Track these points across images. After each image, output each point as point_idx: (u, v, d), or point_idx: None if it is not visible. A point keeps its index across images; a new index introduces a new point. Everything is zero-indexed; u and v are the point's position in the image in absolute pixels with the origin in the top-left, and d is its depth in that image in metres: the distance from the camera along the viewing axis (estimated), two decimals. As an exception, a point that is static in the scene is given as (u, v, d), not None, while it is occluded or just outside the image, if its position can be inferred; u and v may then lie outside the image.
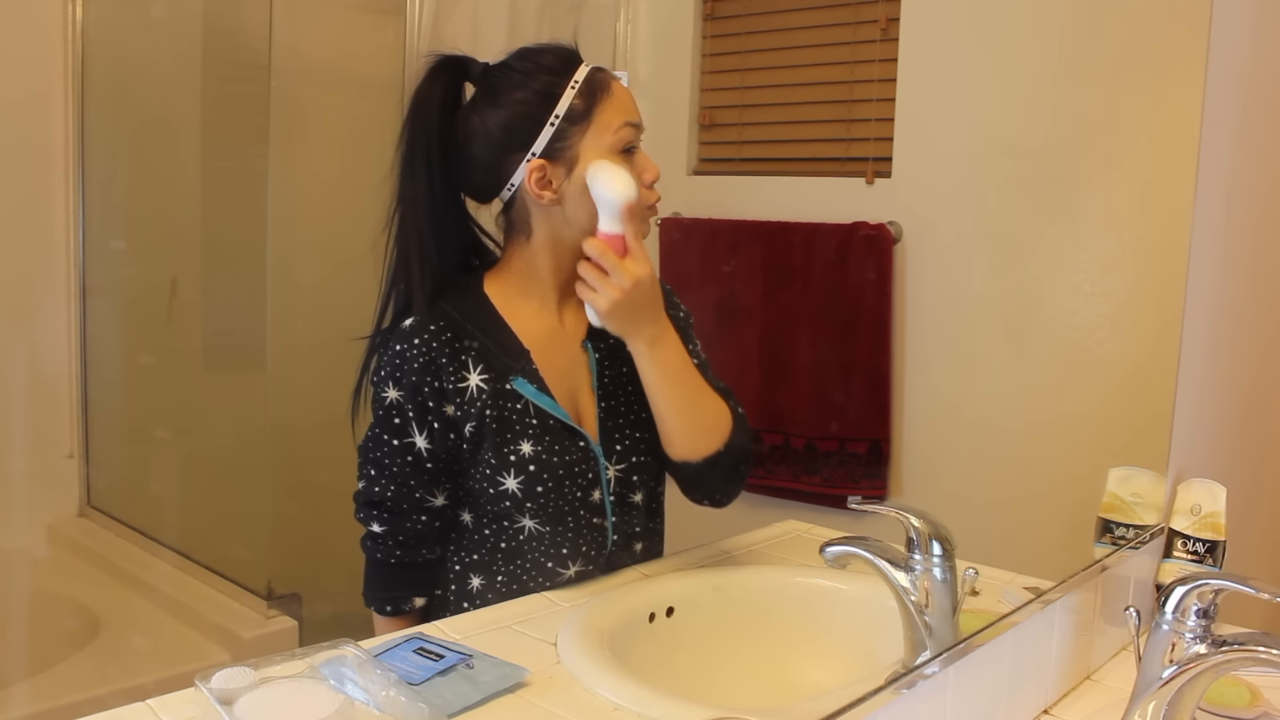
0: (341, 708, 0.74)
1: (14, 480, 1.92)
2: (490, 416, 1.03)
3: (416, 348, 1.03)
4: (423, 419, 1.03)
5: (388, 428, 1.04)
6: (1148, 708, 1.00)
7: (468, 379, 1.04)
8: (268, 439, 1.69)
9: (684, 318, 1.17)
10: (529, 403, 1.05)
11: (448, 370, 1.03)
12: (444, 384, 1.03)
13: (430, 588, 1.09)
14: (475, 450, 1.04)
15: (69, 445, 2.02)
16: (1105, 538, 1.36)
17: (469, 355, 1.04)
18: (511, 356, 1.05)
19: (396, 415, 1.04)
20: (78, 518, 2.02)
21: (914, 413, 1.47)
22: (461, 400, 1.03)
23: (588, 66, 1.05)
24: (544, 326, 1.08)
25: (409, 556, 1.07)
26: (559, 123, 1.02)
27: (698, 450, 1.08)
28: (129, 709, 0.75)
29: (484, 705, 0.81)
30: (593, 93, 1.03)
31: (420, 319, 1.04)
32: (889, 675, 0.92)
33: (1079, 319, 1.41)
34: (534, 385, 1.05)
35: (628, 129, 1.04)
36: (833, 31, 1.56)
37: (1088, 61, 1.38)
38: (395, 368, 1.03)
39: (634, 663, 0.91)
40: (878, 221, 1.48)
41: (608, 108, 1.03)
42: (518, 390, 1.05)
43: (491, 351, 1.05)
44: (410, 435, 1.04)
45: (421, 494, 1.05)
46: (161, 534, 1.86)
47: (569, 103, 1.02)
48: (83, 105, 1.96)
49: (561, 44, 1.07)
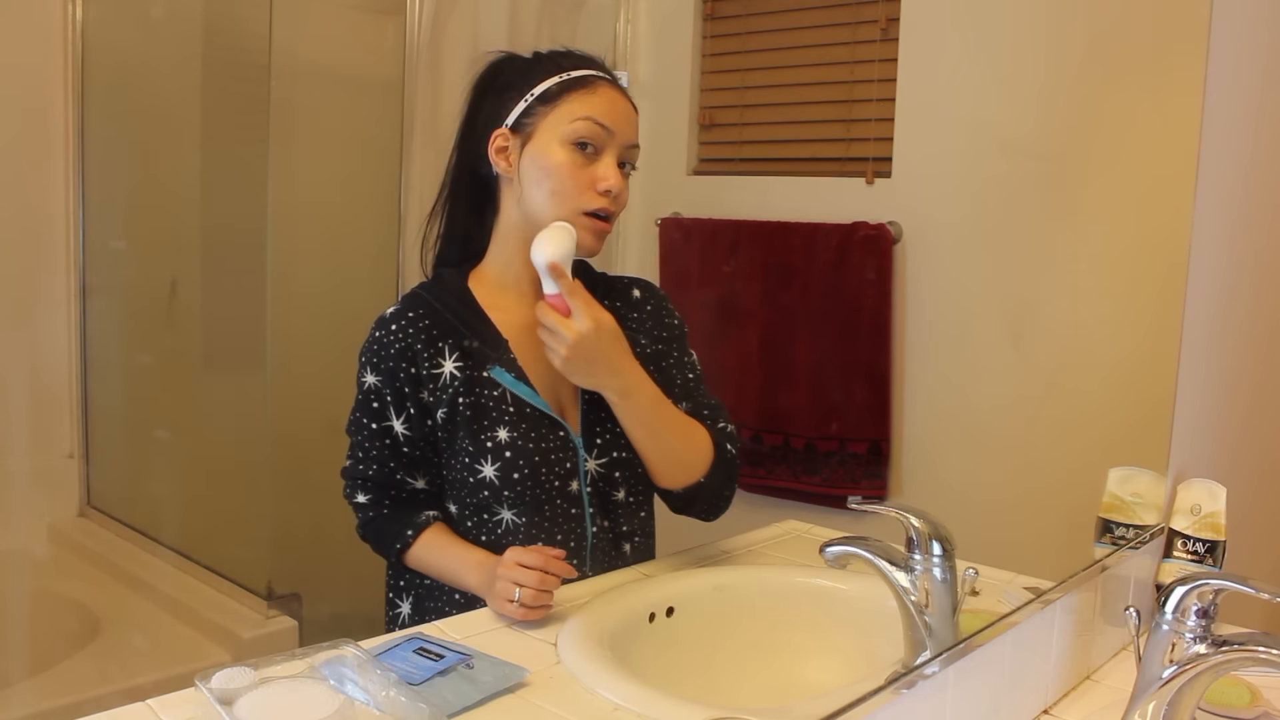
0: (341, 708, 0.74)
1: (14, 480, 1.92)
2: (464, 403, 1.05)
3: (394, 334, 1.06)
4: (400, 404, 1.06)
5: (367, 411, 1.08)
6: (1148, 708, 1.00)
7: (442, 365, 1.06)
8: (268, 439, 1.69)
9: (678, 326, 1.18)
10: (506, 391, 1.06)
11: (423, 356, 1.05)
12: (419, 369, 1.05)
13: (434, 506, 1.10)
14: (451, 437, 1.06)
15: (69, 445, 2.02)
16: (1105, 538, 1.36)
17: (445, 343, 1.06)
18: (489, 346, 1.07)
19: (375, 399, 1.07)
20: (78, 518, 2.02)
21: (914, 413, 1.47)
22: (435, 386, 1.05)
23: (592, 72, 1.07)
24: (524, 319, 1.09)
25: (397, 504, 1.09)
26: (531, 100, 1.06)
27: (678, 482, 1.12)
28: (129, 709, 0.75)
29: (484, 705, 0.81)
30: (573, 84, 1.06)
31: (400, 307, 1.07)
32: (889, 675, 0.92)
33: (1079, 319, 1.41)
34: (511, 374, 1.07)
35: (586, 123, 1.05)
36: (833, 31, 1.56)
37: (1088, 61, 1.38)
38: (374, 353, 1.07)
39: (634, 663, 0.91)
40: (878, 221, 1.48)
41: (579, 99, 1.06)
42: (495, 378, 1.06)
43: (468, 340, 1.07)
44: (388, 419, 1.07)
45: (402, 475, 1.08)
46: (161, 534, 1.87)
47: (548, 86, 1.06)
48: (83, 105, 1.96)
49: (591, 55, 1.10)
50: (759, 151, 1.65)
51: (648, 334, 1.14)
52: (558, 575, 0.97)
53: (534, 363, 1.08)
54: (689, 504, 1.14)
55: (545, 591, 0.95)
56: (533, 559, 0.96)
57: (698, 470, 1.11)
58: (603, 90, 1.07)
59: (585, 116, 1.05)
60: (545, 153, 1.05)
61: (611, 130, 1.06)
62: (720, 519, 1.16)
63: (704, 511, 1.15)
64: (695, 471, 1.11)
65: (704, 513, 1.16)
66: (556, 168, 1.04)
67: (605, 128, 1.05)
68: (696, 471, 1.11)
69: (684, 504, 1.14)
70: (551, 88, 1.05)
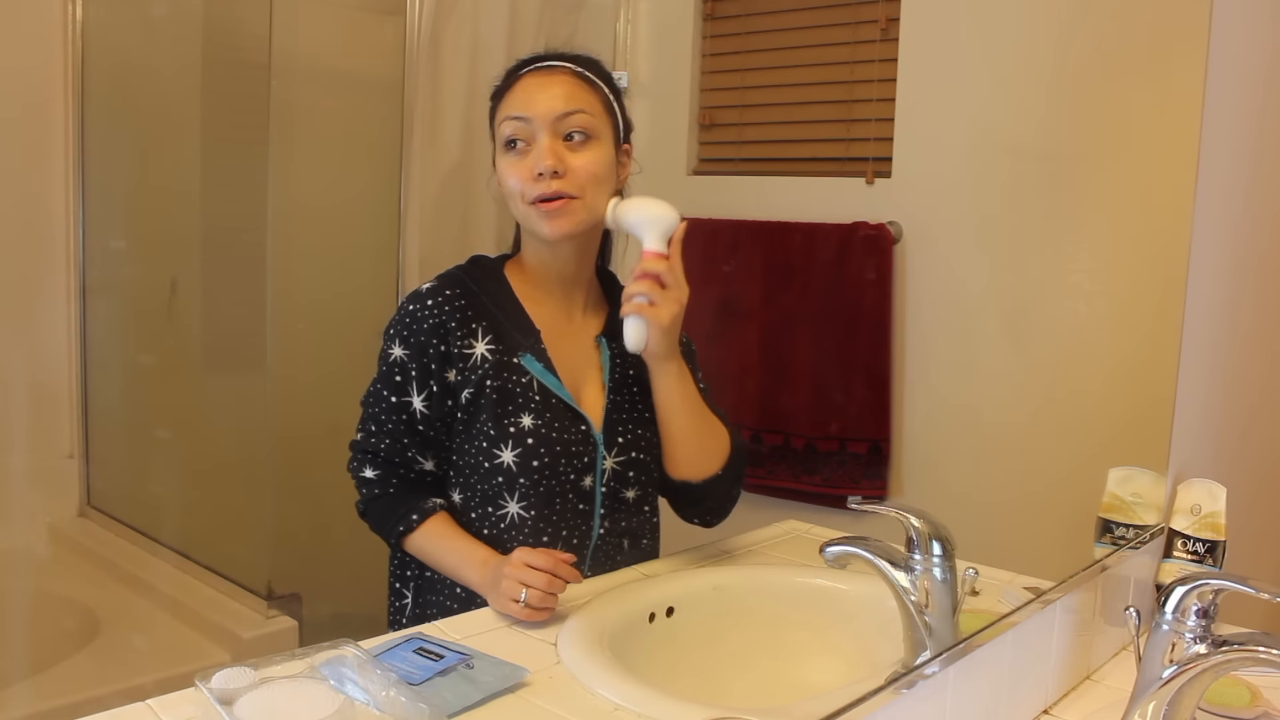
0: (341, 708, 0.74)
1: (14, 480, 1.92)
2: (491, 386, 1.05)
3: (429, 309, 1.06)
4: (424, 380, 1.06)
5: (389, 384, 1.07)
6: (1148, 708, 1.00)
7: (474, 346, 1.06)
8: (268, 439, 1.69)
9: (687, 343, 1.18)
10: (534, 379, 1.07)
11: (456, 335, 1.06)
12: (450, 348, 1.06)
13: (437, 491, 1.11)
14: (472, 420, 1.06)
15: (69, 445, 2.02)
16: (1105, 538, 1.36)
17: (479, 325, 1.07)
18: (522, 333, 1.08)
19: (399, 373, 1.07)
20: (78, 518, 2.02)
21: (914, 413, 1.47)
22: (465, 366, 1.06)
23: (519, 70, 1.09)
24: (556, 314, 1.12)
25: (404, 485, 1.09)
26: (493, 104, 1.10)
27: (701, 471, 1.12)
28: (129, 709, 0.75)
29: (484, 705, 0.81)
30: (501, 91, 1.10)
31: (436, 284, 1.08)
32: (889, 675, 0.92)
33: (1079, 319, 1.41)
34: (541, 364, 1.08)
35: (508, 123, 1.07)
36: (833, 31, 1.56)
37: (1088, 61, 1.38)
38: (405, 326, 1.07)
39: (634, 663, 0.91)
40: (878, 221, 1.48)
41: (504, 103, 1.09)
42: (524, 366, 1.07)
43: (503, 325, 1.08)
44: (408, 394, 1.07)
45: (413, 453, 1.08)
46: (161, 534, 1.86)
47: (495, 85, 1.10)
48: (83, 105, 1.96)
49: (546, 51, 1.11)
50: (759, 151, 1.65)
51: None
52: (565, 579, 0.97)
53: (562, 357, 1.09)
54: (700, 500, 1.14)
55: (551, 595, 0.96)
56: (542, 561, 0.96)
57: (717, 461, 1.12)
58: (522, 82, 1.08)
59: (506, 117, 1.08)
60: (496, 165, 1.10)
61: (528, 118, 1.06)
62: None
63: (711, 511, 1.16)
64: (715, 462, 1.12)
65: (711, 512, 1.16)
66: (500, 175, 1.09)
67: (522, 119, 1.06)
68: (716, 462, 1.12)
69: (695, 500, 1.14)
70: (491, 101, 1.10)
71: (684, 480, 1.13)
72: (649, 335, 1.05)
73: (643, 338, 1.05)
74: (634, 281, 1.05)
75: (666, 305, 1.04)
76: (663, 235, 1.05)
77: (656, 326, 1.04)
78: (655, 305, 1.04)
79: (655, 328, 1.04)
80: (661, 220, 1.05)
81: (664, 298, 1.04)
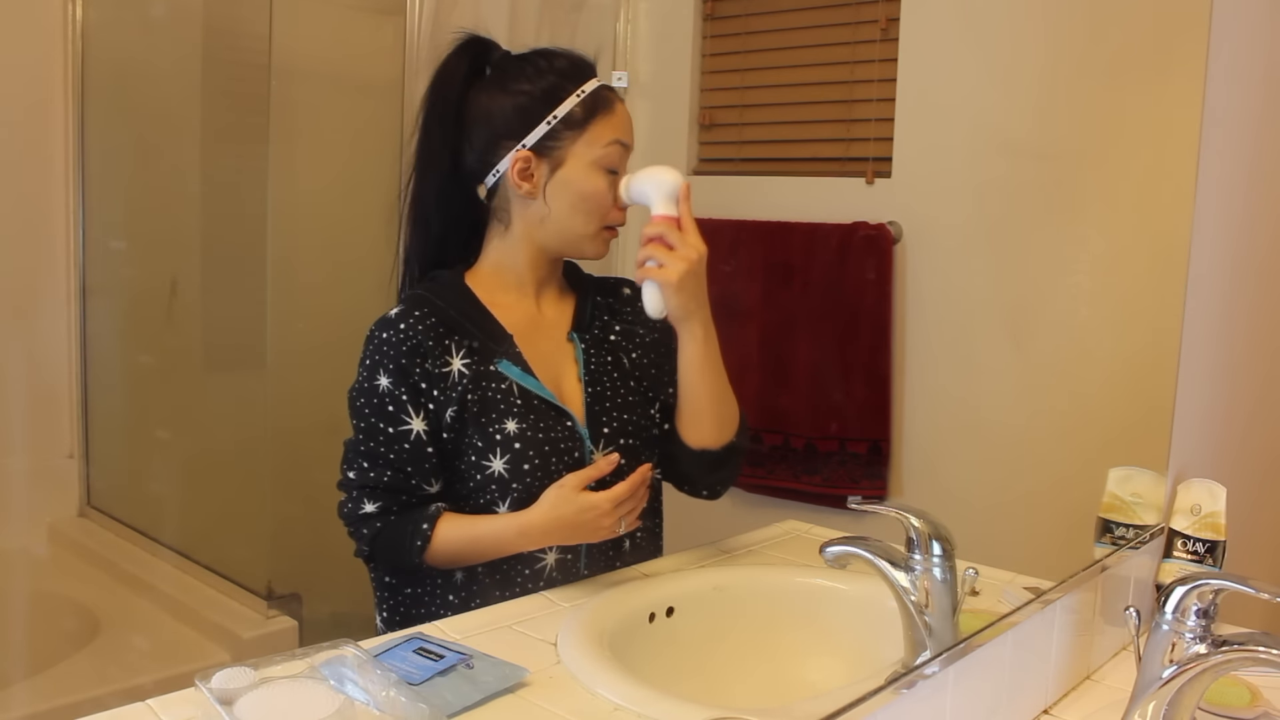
0: (341, 708, 0.74)
1: (14, 480, 1.92)
2: (472, 400, 1.05)
3: (402, 332, 1.05)
4: (417, 402, 1.05)
5: (381, 416, 1.04)
6: (1148, 708, 1.00)
7: (450, 364, 1.06)
8: (268, 439, 1.69)
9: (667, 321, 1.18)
10: (513, 384, 1.07)
11: (434, 354, 1.05)
12: (429, 367, 1.05)
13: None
14: (459, 436, 1.05)
15: (69, 445, 2.02)
16: (1105, 538, 1.36)
17: (452, 340, 1.06)
18: (495, 340, 1.08)
19: (390, 403, 1.04)
20: (78, 518, 2.02)
21: (914, 413, 1.47)
22: (444, 385, 1.05)
23: (597, 81, 1.09)
24: (524, 316, 1.11)
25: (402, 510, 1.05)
26: (555, 123, 1.07)
27: (721, 437, 1.13)
28: (129, 709, 0.75)
29: (484, 705, 0.81)
30: (595, 106, 1.08)
31: (405, 307, 1.07)
32: (889, 675, 0.92)
33: (1079, 319, 1.41)
34: (518, 367, 1.07)
35: (616, 147, 1.08)
36: (833, 31, 1.56)
37: (1088, 61, 1.38)
38: (384, 354, 1.04)
39: (634, 663, 0.91)
40: (878, 221, 1.48)
41: (604, 122, 1.08)
42: (502, 372, 1.07)
43: (475, 336, 1.07)
44: (407, 421, 1.04)
45: (418, 481, 1.05)
46: (161, 534, 1.86)
47: (570, 108, 1.07)
48: (83, 105, 1.96)
49: (581, 54, 1.11)
50: (759, 151, 1.65)
51: (644, 325, 1.16)
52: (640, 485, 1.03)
53: (538, 356, 1.09)
54: (721, 464, 1.14)
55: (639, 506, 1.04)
56: (623, 490, 1.02)
57: (732, 427, 1.13)
58: (618, 106, 1.10)
59: (614, 141, 1.08)
60: (582, 179, 1.08)
61: (630, 147, 1.10)
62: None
63: (726, 480, 1.17)
64: (731, 428, 1.13)
65: (721, 481, 1.17)
66: (595, 194, 1.08)
67: (628, 147, 1.09)
68: (732, 428, 1.13)
69: (717, 464, 1.14)
70: (575, 111, 1.07)
71: (704, 448, 1.13)
72: (665, 297, 1.06)
73: (660, 301, 1.06)
74: (640, 247, 1.06)
75: (674, 264, 1.04)
76: (668, 197, 1.06)
77: (668, 287, 1.05)
78: (663, 267, 1.04)
79: (667, 288, 1.05)
80: (664, 184, 1.06)
81: (670, 258, 1.04)
